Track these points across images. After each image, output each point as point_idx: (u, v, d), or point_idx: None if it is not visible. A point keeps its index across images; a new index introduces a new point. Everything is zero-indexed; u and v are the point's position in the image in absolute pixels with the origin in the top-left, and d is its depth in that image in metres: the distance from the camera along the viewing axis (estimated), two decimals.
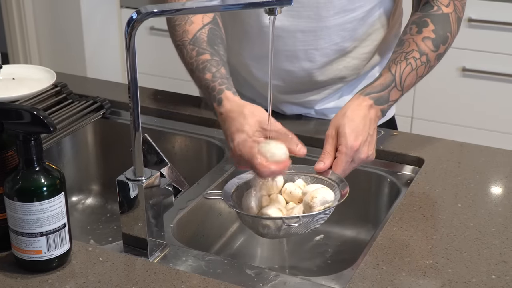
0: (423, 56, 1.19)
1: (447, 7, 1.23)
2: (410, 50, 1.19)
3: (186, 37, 1.18)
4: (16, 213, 0.90)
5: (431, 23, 1.21)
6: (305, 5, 1.24)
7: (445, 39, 1.21)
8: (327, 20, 1.26)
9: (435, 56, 1.21)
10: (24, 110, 0.88)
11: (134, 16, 0.87)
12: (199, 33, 1.18)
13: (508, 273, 0.93)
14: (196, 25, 1.19)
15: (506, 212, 1.08)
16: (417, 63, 1.19)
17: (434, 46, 1.20)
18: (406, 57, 1.19)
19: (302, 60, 1.31)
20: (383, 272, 0.94)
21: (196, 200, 1.16)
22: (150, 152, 1.07)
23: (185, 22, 1.19)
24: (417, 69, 1.19)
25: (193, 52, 1.17)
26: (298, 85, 1.36)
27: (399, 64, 1.18)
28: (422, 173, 1.20)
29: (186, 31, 1.19)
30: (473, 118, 2.68)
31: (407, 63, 1.18)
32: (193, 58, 1.16)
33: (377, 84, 1.16)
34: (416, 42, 1.20)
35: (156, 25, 3.01)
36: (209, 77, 1.13)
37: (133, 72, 0.89)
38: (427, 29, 1.21)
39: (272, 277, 0.95)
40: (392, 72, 1.17)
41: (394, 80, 1.17)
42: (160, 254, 1.00)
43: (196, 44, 1.17)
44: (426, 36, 1.20)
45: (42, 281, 0.91)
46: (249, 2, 0.93)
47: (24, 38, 3.17)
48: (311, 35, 1.28)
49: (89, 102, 1.45)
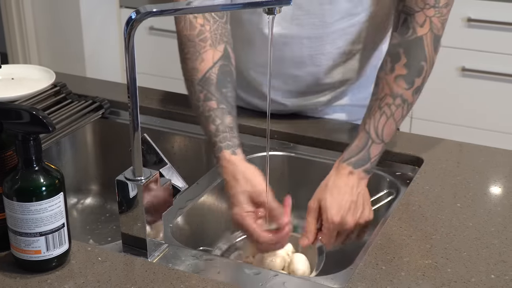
0: (397, 99, 1.15)
1: (422, 27, 1.17)
2: (383, 96, 1.15)
3: (196, 75, 1.17)
4: (15, 213, 0.90)
5: (403, 55, 1.16)
6: (310, 12, 1.25)
7: (420, 70, 1.17)
8: (332, 26, 1.27)
9: (412, 93, 1.16)
10: (23, 110, 0.88)
11: (133, 15, 0.87)
12: (208, 73, 1.16)
13: (507, 273, 0.93)
14: (206, 64, 1.17)
15: (505, 212, 1.08)
16: (391, 110, 1.15)
17: (408, 83, 1.16)
18: (380, 105, 1.15)
19: (309, 65, 1.31)
20: (382, 272, 0.94)
21: (195, 200, 1.16)
22: (149, 152, 1.07)
23: (196, 58, 1.17)
24: (393, 115, 1.15)
25: (200, 94, 1.15)
26: (304, 88, 1.36)
27: (373, 118, 1.15)
28: (421, 173, 1.20)
29: (196, 69, 1.16)
30: (473, 118, 2.68)
31: (381, 112, 1.15)
32: (200, 101, 1.15)
33: (353, 147, 1.14)
34: (389, 85, 1.16)
35: (155, 25, 3.01)
36: (212, 129, 1.13)
37: (132, 72, 0.89)
38: (399, 65, 1.16)
39: (271, 276, 0.95)
40: (367, 130, 1.14)
41: (369, 138, 1.14)
42: (159, 254, 1.00)
43: (204, 86, 1.16)
44: (398, 74, 1.16)
45: (41, 281, 0.91)
46: (249, 2, 0.93)
47: (24, 38, 3.16)
48: (317, 40, 1.28)
49: (88, 102, 1.45)
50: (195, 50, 1.17)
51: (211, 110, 1.14)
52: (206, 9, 1.02)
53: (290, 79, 1.34)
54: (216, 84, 1.16)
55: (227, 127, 1.13)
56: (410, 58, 1.16)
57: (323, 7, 1.24)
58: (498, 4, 2.50)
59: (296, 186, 1.31)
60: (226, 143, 1.11)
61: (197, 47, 1.17)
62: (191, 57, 1.17)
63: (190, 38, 1.17)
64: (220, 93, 1.16)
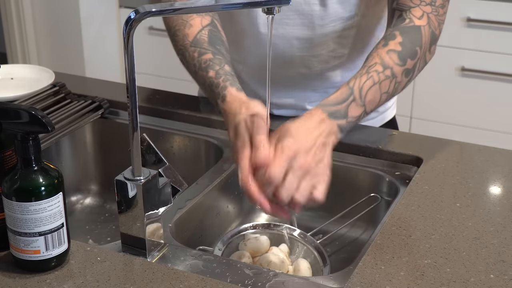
0: (386, 69, 1.08)
1: (420, 19, 1.13)
2: (373, 64, 1.08)
3: (187, 40, 1.17)
4: (14, 213, 0.90)
5: (399, 35, 1.11)
6: (300, 13, 1.24)
7: (414, 53, 1.10)
8: (322, 28, 1.26)
9: (402, 71, 1.09)
10: (23, 110, 0.88)
11: (132, 15, 0.87)
12: (199, 35, 1.17)
13: (506, 273, 0.93)
14: (195, 28, 1.18)
15: (504, 212, 1.08)
16: (379, 77, 1.07)
17: (400, 59, 1.09)
18: (368, 70, 1.08)
19: (299, 66, 1.31)
20: (381, 272, 0.94)
21: (194, 200, 1.16)
22: (149, 152, 1.07)
23: (184, 26, 1.19)
24: (380, 83, 1.07)
25: (194, 53, 1.16)
26: (295, 89, 1.36)
27: (359, 78, 1.07)
28: (421, 173, 1.20)
29: (186, 35, 1.18)
30: (472, 117, 2.68)
31: (368, 76, 1.07)
32: (195, 59, 1.15)
33: (332, 98, 1.05)
34: (380, 55, 1.09)
35: (155, 25, 3.01)
36: (212, 74, 1.11)
37: (131, 72, 0.89)
38: (394, 42, 1.10)
39: (271, 276, 0.95)
40: (350, 86, 1.06)
41: (352, 94, 1.05)
42: (159, 254, 1.00)
43: (197, 45, 1.16)
44: (392, 49, 1.10)
45: (40, 281, 0.91)
46: (248, 1, 0.93)
47: (23, 38, 3.17)
48: (307, 42, 1.27)
49: (88, 102, 1.45)
50: (182, 21, 1.18)
51: (209, 60, 1.13)
52: (206, 9, 1.02)
53: (279, 78, 1.33)
54: (208, 42, 1.16)
55: (227, 72, 1.11)
56: (405, 39, 1.11)
57: (313, 9, 1.23)
58: (498, 4, 2.50)
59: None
60: (230, 81, 1.09)
61: (184, 17, 1.18)
62: (179, 27, 1.19)
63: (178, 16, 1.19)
64: (214, 47, 1.15)
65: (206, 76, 1.12)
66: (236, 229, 1.15)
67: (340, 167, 1.27)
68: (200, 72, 1.14)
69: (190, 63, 1.16)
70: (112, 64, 3.22)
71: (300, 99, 1.38)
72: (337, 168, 1.27)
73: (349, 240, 1.27)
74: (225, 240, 1.13)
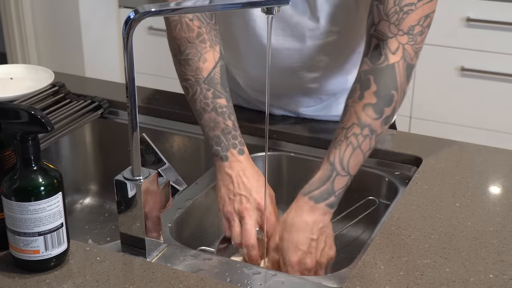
0: (364, 129, 1.08)
1: (395, 54, 1.10)
2: (350, 125, 1.09)
3: (201, 75, 1.17)
4: (14, 213, 0.90)
5: (374, 82, 1.10)
6: (291, 24, 1.24)
7: (389, 99, 1.10)
8: (313, 40, 1.25)
9: (381, 123, 1.10)
10: (22, 110, 0.88)
11: (132, 15, 0.87)
12: (213, 73, 1.17)
13: (506, 272, 0.93)
14: (210, 64, 1.17)
15: (504, 212, 1.08)
16: (358, 140, 1.08)
17: (377, 113, 1.09)
18: (346, 135, 1.08)
19: (290, 76, 1.31)
20: (381, 272, 0.94)
21: (194, 200, 1.16)
22: (148, 152, 1.07)
23: (198, 58, 1.17)
24: (360, 146, 1.08)
25: (208, 93, 1.16)
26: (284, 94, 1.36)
27: (338, 148, 1.08)
28: (420, 173, 1.20)
29: (199, 68, 1.17)
30: (472, 117, 2.68)
31: (347, 143, 1.08)
32: (208, 99, 1.15)
33: (315, 179, 1.08)
34: (356, 113, 1.09)
35: (154, 25, 3.01)
36: (230, 124, 1.14)
37: (130, 71, 0.89)
38: (369, 93, 1.09)
39: (270, 276, 0.95)
40: (331, 161, 1.08)
41: (334, 169, 1.07)
42: (158, 254, 0.99)
43: (211, 85, 1.16)
44: (367, 102, 1.09)
45: (39, 280, 0.91)
46: (248, 1, 0.93)
47: (23, 38, 3.17)
48: (297, 53, 1.27)
49: (87, 102, 1.45)
50: (196, 51, 1.17)
51: (224, 106, 1.15)
52: (205, 9, 1.01)
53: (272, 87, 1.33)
54: (221, 83, 1.17)
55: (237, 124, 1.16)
56: (380, 86, 1.10)
57: (303, 21, 1.23)
58: (497, 4, 2.50)
59: (295, 186, 1.31)
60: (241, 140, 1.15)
61: (198, 48, 1.17)
62: (193, 57, 1.17)
63: (190, 39, 1.17)
64: (226, 92, 1.17)
65: (222, 121, 1.14)
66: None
67: None
68: (213, 113, 1.15)
69: (201, 100, 1.16)
70: (112, 64, 3.22)
71: (293, 105, 1.39)
72: None
73: (348, 239, 1.27)
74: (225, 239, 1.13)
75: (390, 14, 1.10)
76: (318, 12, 1.21)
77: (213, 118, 1.14)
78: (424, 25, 1.11)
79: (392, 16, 1.10)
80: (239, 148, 1.13)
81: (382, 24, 1.11)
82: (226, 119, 1.14)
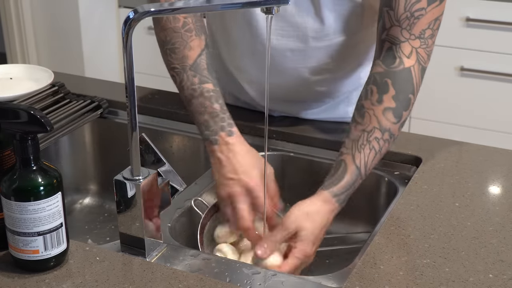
0: (385, 133, 1.10)
1: (409, 58, 1.12)
2: (371, 129, 1.10)
3: (187, 62, 1.17)
4: (13, 213, 0.90)
5: (392, 86, 1.11)
6: (294, 25, 1.23)
7: (407, 103, 1.12)
8: (316, 41, 1.25)
9: (399, 127, 1.12)
10: (21, 110, 0.87)
11: (131, 15, 0.87)
12: (199, 59, 1.18)
13: (505, 272, 0.93)
14: (195, 51, 1.18)
15: (503, 211, 1.08)
16: (380, 144, 1.10)
17: (396, 117, 1.11)
18: (368, 139, 1.10)
19: (292, 77, 1.30)
20: (380, 271, 0.93)
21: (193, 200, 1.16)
22: (148, 152, 1.07)
23: (183, 46, 1.18)
24: (380, 150, 1.11)
25: (194, 79, 1.16)
26: (286, 97, 1.36)
27: (362, 152, 1.09)
28: (420, 172, 1.20)
29: (186, 56, 1.18)
30: (471, 117, 2.68)
31: (370, 147, 1.09)
32: (195, 85, 1.16)
33: (344, 183, 1.08)
34: (377, 117, 1.10)
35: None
36: (217, 107, 1.14)
37: (130, 71, 0.89)
38: (388, 97, 1.10)
39: (269, 276, 0.95)
40: (357, 165, 1.09)
41: (359, 174, 1.09)
42: (158, 254, 0.99)
43: (197, 71, 1.17)
44: (387, 106, 1.10)
45: (39, 280, 0.91)
46: (247, 1, 0.93)
47: (22, 38, 3.16)
48: (300, 54, 1.27)
49: (87, 102, 1.45)
50: (182, 40, 1.18)
51: (211, 90, 1.15)
52: (205, 9, 1.01)
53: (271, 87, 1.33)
54: (207, 69, 1.18)
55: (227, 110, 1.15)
56: (398, 90, 1.11)
57: (306, 21, 1.23)
58: (497, 4, 2.50)
59: (295, 186, 1.31)
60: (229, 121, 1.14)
61: (184, 37, 1.18)
62: (179, 46, 1.19)
63: (176, 29, 1.19)
64: (213, 78, 1.18)
65: (209, 105, 1.14)
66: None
67: None
68: (201, 99, 1.15)
69: (189, 86, 1.17)
70: (112, 64, 3.22)
71: (295, 107, 1.39)
72: None
73: (348, 239, 1.27)
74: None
75: (401, 20, 1.11)
76: (322, 12, 1.21)
77: (201, 103, 1.14)
78: (434, 28, 1.13)
79: (403, 22, 1.11)
80: (228, 130, 1.13)
81: (393, 29, 1.12)
82: (213, 102, 1.14)
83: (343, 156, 1.10)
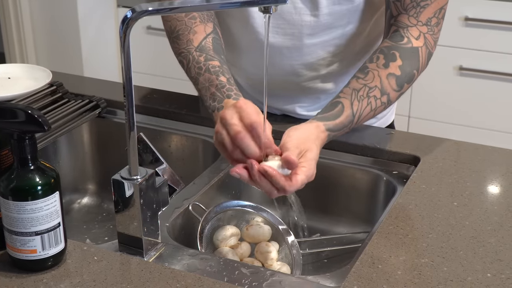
0: (384, 96, 1.12)
1: (418, 40, 1.16)
2: (373, 86, 1.12)
3: (191, 45, 1.18)
4: (11, 212, 0.90)
5: (399, 58, 1.14)
6: (290, 23, 1.24)
7: (411, 77, 1.15)
8: (313, 38, 1.25)
9: (397, 96, 1.15)
10: (19, 109, 0.87)
11: (129, 14, 0.87)
12: (204, 42, 1.18)
13: (503, 272, 0.93)
14: (200, 35, 1.19)
15: (502, 211, 1.08)
16: (377, 103, 1.12)
17: (398, 85, 1.13)
18: (368, 94, 1.11)
19: (289, 74, 1.31)
20: (378, 271, 0.93)
21: (191, 199, 1.16)
22: (146, 151, 1.06)
23: (188, 31, 1.19)
24: (375, 109, 1.13)
25: (200, 57, 1.16)
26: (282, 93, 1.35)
27: (361, 102, 1.11)
28: (418, 172, 1.20)
29: (190, 40, 1.18)
30: (470, 117, 2.69)
31: (368, 102, 1.11)
32: (201, 63, 1.15)
33: (338, 122, 1.09)
34: (380, 77, 1.12)
35: (152, 24, 3.01)
36: (224, 79, 1.12)
37: (128, 71, 0.89)
38: (394, 64, 1.13)
39: (268, 275, 0.95)
40: (353, 112, 1.10)
41: (352, 121, 1.11)
42: (156, 253, 0.99)
43: (203, 51, 1.17)
44: (392, 72, 1.13)
45: (37, 280, 0.91)
46: (245, 0, 0.93)
47: (21, 37, 3.16)
48: (297, 51, 1.27)
49: (85, 101, 1.45)
50: (186, 27, 1.19)
51: (218, 66, 1.15)
52: (203, 8, 1.01)
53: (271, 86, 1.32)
54: (213, 50, 1.18)
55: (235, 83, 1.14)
56: (405, 62, 1.14)
57: (303, 19, 1.23)
58: (496, 3, 2.50)
59: None
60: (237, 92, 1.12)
61: (187, 23, 1.19)
62: (183, 32, 1.20)
63: (179, 18, 1.20)
64: (220, 57, 1.18)
65: (215, 78, 1.13)
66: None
67: (337, 166, 1.27)
68: (207, 74, 1.14)
69: (195, 66, 1.16)
70: (111, 63, 3.22)
71: (291, 104, 1.38)
72: (334, 167, 1.27)
73: (346, 239, 1.27)
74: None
75: (408, 9, 1.16)
76: (319, 9, 1.21)
77: (207, 78, 1.14)
78: (439, 16, 1.18)
79: (410, 10, 1.16)
80: (234, 97, 1.10)
81: (401, 16, 1.17)
82: (220, 75, 1.13)
83: (341, 99, 1.11)
